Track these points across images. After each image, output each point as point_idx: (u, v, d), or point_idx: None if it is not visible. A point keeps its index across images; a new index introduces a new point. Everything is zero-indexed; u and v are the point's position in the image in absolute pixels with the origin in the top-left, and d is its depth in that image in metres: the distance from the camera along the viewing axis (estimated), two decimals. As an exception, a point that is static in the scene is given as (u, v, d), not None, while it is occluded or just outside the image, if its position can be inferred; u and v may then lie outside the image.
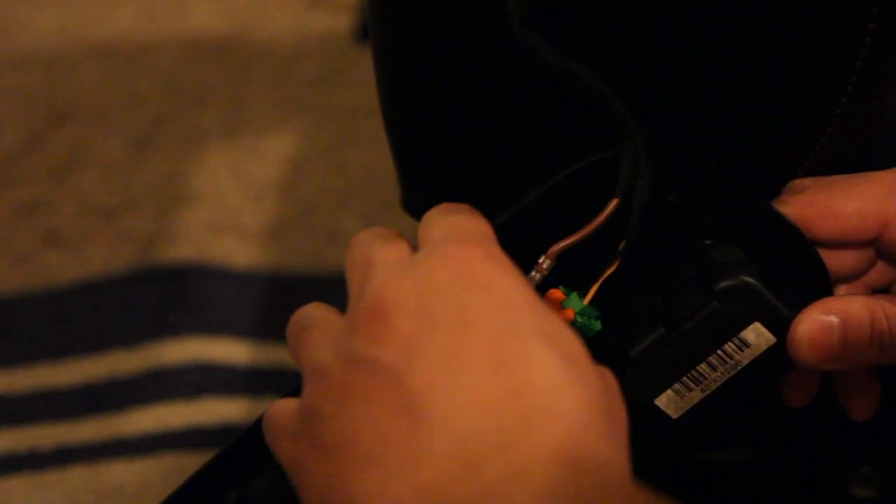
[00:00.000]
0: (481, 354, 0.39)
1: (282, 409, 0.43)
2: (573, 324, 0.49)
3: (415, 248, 0.44)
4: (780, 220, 0.50)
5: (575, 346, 0.41)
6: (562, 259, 0.49)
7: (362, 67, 1.08)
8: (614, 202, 0.49)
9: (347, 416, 0.40)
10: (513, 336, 0.40)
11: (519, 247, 0.44)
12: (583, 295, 0.49)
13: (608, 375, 0.42)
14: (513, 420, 0.38)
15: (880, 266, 0.53)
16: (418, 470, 0.38)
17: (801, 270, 0.50)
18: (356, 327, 0.41)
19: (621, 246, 0.50)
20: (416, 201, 0.62)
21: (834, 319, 0.49)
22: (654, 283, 0.50)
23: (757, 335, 0.49)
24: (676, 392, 0.49)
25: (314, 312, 0.45)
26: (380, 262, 0.43)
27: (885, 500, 0.66)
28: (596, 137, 0.52)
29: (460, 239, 0.42)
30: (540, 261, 0.49)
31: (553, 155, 0.56)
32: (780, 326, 0.49)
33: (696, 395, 0.49)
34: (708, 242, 0.50)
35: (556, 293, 0.49)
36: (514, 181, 0.57)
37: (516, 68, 0.54)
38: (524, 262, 0.45)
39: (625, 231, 0.50)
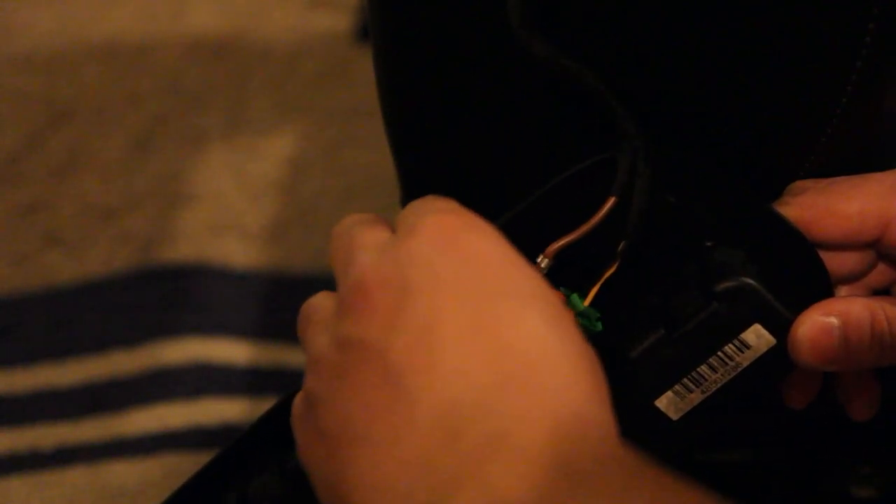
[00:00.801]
0: (459, 319, 0.39)
1: (297, 398, 0.44)
2: (573, 325, 0.49)
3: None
4: (781, 221, 0.50)
5: (557, 306, 0.41)
6: (562, 260, 0.49)
7: (362, 67, 1.08)
8: (611, 201, 0.49)
9: (340, 397, 0.40)
10: (491, 297, 0.40)
11: (519, 248, 0.44)
12: (583, 296, 0.49)
13: (587, 344, 0.42)
14: (491, 384, 0.38)
15: (881, 267, 0.53)
16: (402, 443, 0.38)
17: (801, 272, 0.50)
18: (342, 310, 0.42)
19: (621, 246, 0.50)
20: (417, 201, 0.62)
21: (834, 321, 0.49)
22: (654, 284, 0.50)
23: (757, 337, 0.49)
24: (676, 393, 0.49)
25: (315, 302, 0.45)
26: (361, 245, 0.43)
27: (885, 500, 0.66)
28: (596, 137, 0.52)
29: (437, 210, 0.43)
30: (538, 260, 0.49)
31: (553, 155, 0.56)
32: (780, 328, 0.49)
33: (697, 397, 0.49)
34: (708, 244, 0.50)
35: (557, 294, 0.49)
36: (514, 181, 0.57)
37: (516, 68, 0.54)
38: (524, 263, 0.45)
39: (624, 231, 0.50)
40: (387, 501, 0.38)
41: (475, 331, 0.39)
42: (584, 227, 0.49)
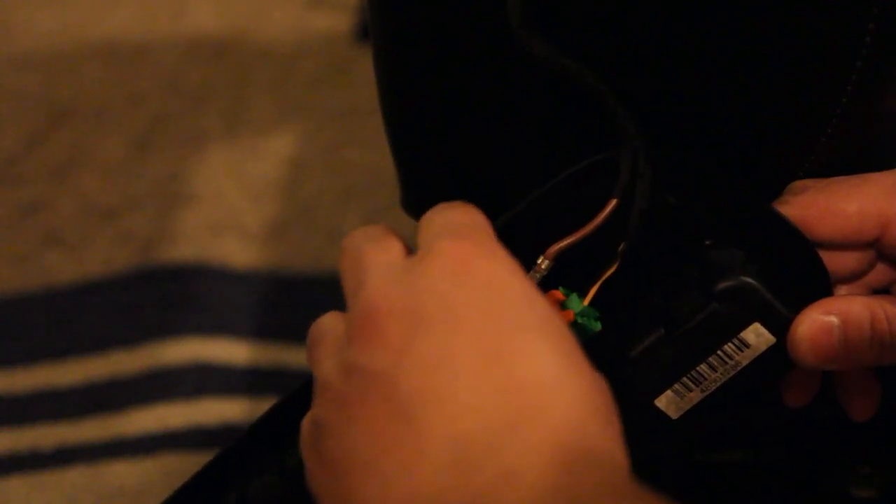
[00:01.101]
0: (473, 351, 0.39)
1: (304, 422, 0.43)
2: (573, 324, 0.49)
3: (411, 246, 0.44)
4: (781, 220, 0.50)
5: (570, 340, 0.40)
6: (562, 260, 0.49)
7: (362, 67, 1.08)
8: (613, 202, 0.49)
9: (347, 427, 0.40)
10: (505, 329, 0.39)
11: (519, 248, 0.44)
12: (583, 296, 0.49)
13: (600, 376, 0.42)
14: (504, 420, 0.38)
15: (881, 267, 0.53)
16: (412, 476, 0.38)
17: (801, 271, 0.50)
18: (351, 336, 0.41)
19: (621, 247, 0.50)
20: (416, 201, 0.62)
21: (834, 320, 0.49)
22: (654, 283, 0.50)
23: (757, 336, 0.49)
24: (676, 392, 0.49)
25: (324, 323, 0.44)
26: (372, 265, 0.42)
27: (885, 500, 0.66)
28: (596, 137, 0.52)
29: (452, 235, 0.42)
30: (539, 261, 0.49)
31: (553, 154, 0.56)
32: (780, 327, 0.49)
33: (696, 396, 0.49)
34: (708, 243, 0.50)
35: (557, 294, 0.49)
36: (514, 181, 0.57)
37: (516, 68, 0.54)
38: (524, 263, 0.45)
39: (624, 232, 0.50)
40: None
41: (488, 364, 0.39)
42: (586, 229, 0.49)
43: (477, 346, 0.39)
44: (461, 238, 0.42)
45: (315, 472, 0.41)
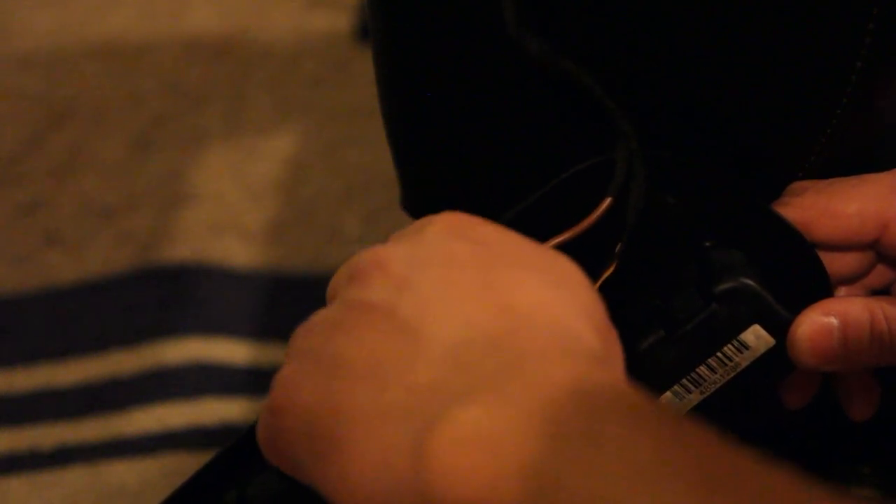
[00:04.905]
0: (468, 283, 0.40)
1: (293, 342, 0.44)
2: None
3: None
4: (780, 221, 0.50)
5: (559, 269, 0.42)
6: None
7: (362, 67, 1.08)
8: (607, 201, 0.49)
9: (345, 342, 0.40)
10: (497, 267, 0.41)
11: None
12: (582, 297, 0.49)
13: (606, 314, 0.43)
14: (500, 331, 0.39)
15: (880, 268, 0.53)
16: (412, 372, 0.38)
17: (800, 272, 0.50)
18: (352, 278, 0.42)
19: (618, 248, 0.50)
20: (416, 201, 0.62)
21: (834, 321, 0.49)
22: (653, 285, 0.50)
23: (756, 337, 0.49)
24: (675, 394, 0.49)
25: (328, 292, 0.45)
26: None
27: (885, 500, 0.66)
28: (594, 137, 0.52)
29: (443, 213, 0.44)
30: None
31: (552, 154, 0.56)
32: (779, 328, 0.49)
33: (695, 397, 0.49)
34: (707, 244, 0.50)
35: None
36: (513, 180, 0.57)
37: (515, 69, 0.54)
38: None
39: (622, 232, 0.50)
40: (383, 425, 0.37)
41: (483, 292, 0.40)
42: (580, 227, 0.49)
43: (471, 280, 0.40)
44: (449, 213, 0.44)
45: (294, 386, 0.41)
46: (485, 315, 0.39)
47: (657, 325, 0.49)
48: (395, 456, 0.37)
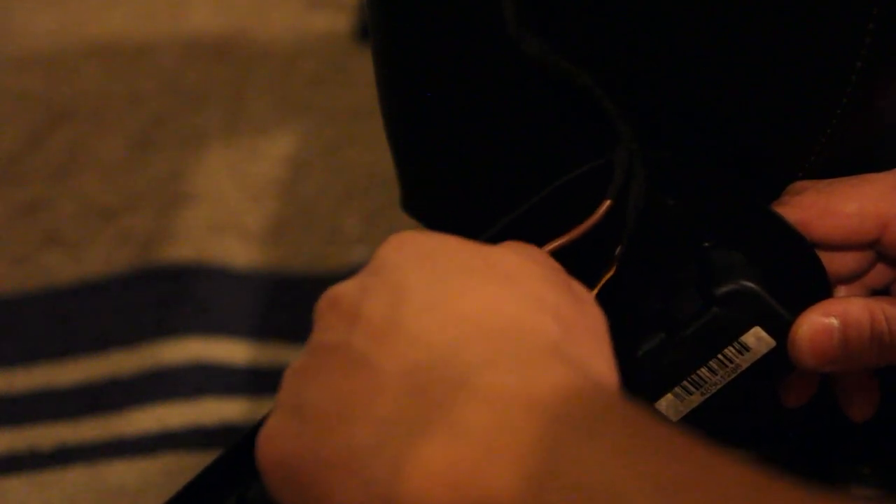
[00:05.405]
0: (415, 299, 0.41)
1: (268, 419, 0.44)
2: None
3: None
4: (780, 222, 0.50)
5: (507, 265, 0.42)
6: (561, 263, 0.49)
7: (362, 67, 1.08)
8: (607, 203, 0.49)
9: (306, 390, 0.41)
10: (443, 278, 0.41)
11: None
12: (582, 299, 0.49)
13: (580, 291, 0.43)
14: (447, 345, 0.39)
15: (880, 267, 0.53)
16: (374, 408, 0.39)
17: (800, 273, 0.50)
18: (314, 325, 0.43)
19: (618, 250, 0.50)
20: (416, 201, 0.62)
21: (834, 321, 0.49)
22: (653, 287, 0.50)
23: (757, 339, 0.49)
24: (677, 396, 0.49)
25: None
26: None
27: (885, 500, 0.66)
28: (595, 138, 0.52)
29: (389, 237, 0.44)
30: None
31: (552, 155, 0.56)
32: (780, 330, 0.49)
33: (696, 399, 0.49)
34: (707, 245, 0.50)
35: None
36: (513, 181, 0.57)
37: (515, 69, 0.54)
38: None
39: (622, 234, 0.50)
40: (358, 466, 0.38)
41: (430, 306, 0.40)
42: (579, 230, 0.49)
43: (416, 298, 0.41)
44: (399, 235, 0.44)
45: (284, 444, 0.42)
46: (433, 332, 0.40)
47: (658, 328, 0.49)
48: (374, 497, 0.38)
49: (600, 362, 0.41)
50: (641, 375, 0.49)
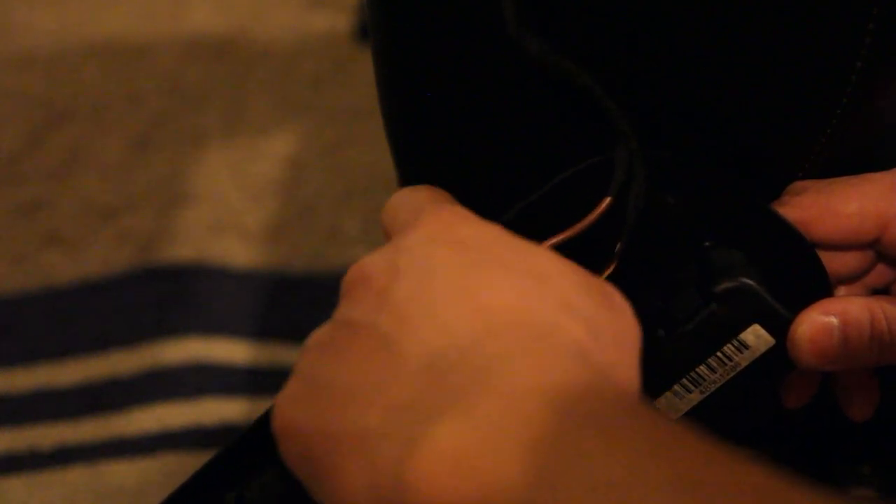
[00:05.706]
0: (443, 289, 0.41)
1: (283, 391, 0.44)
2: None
3: None
4: (780, 221, 0.50)
5: (540, 263, 0.42)
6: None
7: (362, 67, 1.08)
8: (607, 201, 0.49)
9: (325, 365, 0.41)
10: (475, 269, 0.41)
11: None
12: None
13: (618, 301, 0.43)
14: (472, 337, 0.39)
15: (880, 267, 0.53)
16: (390, 392, 0.39)
17: (800, 272, 0.50)
18: (342, 297, 0.43)
19: (618, 247, 0.50)
20: (416, 202, 0.62)
21: (834, 320, 0.49)
22: (653, 285, 0.50)
23: (756, 337, 0.49)
24: (675, 394, 0.49)
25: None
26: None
27: (885, 500, 0.66)
28: (595, 137, 0.52)
29: (431, 203, 0.45)
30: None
31: (553, 154, 0.56)
32: (779, 328, 0.49)
33: (695, 397, 0.49)
34: (707, 244, 0.50)
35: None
36: (513, 180, 0.57)
37: (515, 68, 0.54)
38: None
39: (621, 232, 0.50)
40: (367, 448, 0.38)
41: (457, 297, 0.41)
42: (578, 226, 0.49)
43: (447, 285, 0.41)
44: (440, 206, 0.45)
45: (296, 414, 0.42)
46: (459, 321, 0.40)
47: (657, 325, 0.49)
48: (381, 478, 0.38)
49: (624, 371, 0.41)
50: (640, 373, 0.49)
